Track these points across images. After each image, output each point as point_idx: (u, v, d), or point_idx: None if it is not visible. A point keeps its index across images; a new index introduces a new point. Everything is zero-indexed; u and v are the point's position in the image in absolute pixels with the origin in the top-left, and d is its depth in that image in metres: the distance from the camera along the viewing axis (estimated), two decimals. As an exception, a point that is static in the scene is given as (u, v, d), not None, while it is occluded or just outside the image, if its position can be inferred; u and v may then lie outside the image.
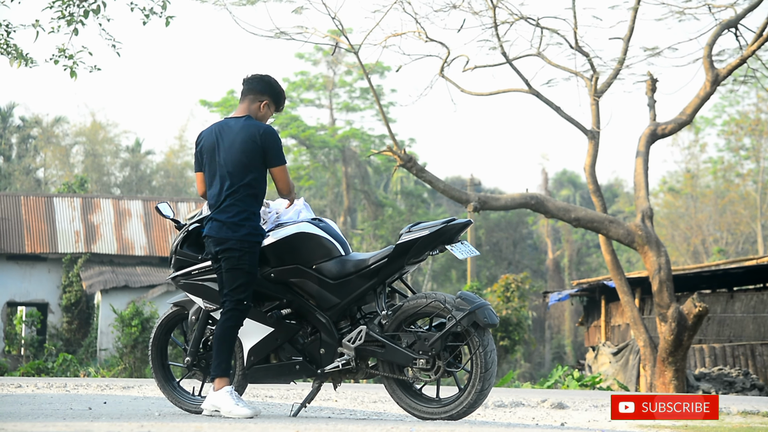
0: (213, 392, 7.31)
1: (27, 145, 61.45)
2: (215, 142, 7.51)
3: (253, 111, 7.57)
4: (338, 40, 18.65)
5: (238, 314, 7.33)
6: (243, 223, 7.32)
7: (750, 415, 9.62)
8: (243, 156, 7.36)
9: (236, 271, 7.31)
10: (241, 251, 7.29)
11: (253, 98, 7.58)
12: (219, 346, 7.33)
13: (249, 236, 7.32)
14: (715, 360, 25.47)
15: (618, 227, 18.00)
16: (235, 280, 7.31)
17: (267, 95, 7.61)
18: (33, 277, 37.50)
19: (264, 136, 7.38)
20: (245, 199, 7.35)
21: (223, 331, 7.32)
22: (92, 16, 12.45)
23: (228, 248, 7.30)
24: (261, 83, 7.63)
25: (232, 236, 7.30)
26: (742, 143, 54.90)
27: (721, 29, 17.92)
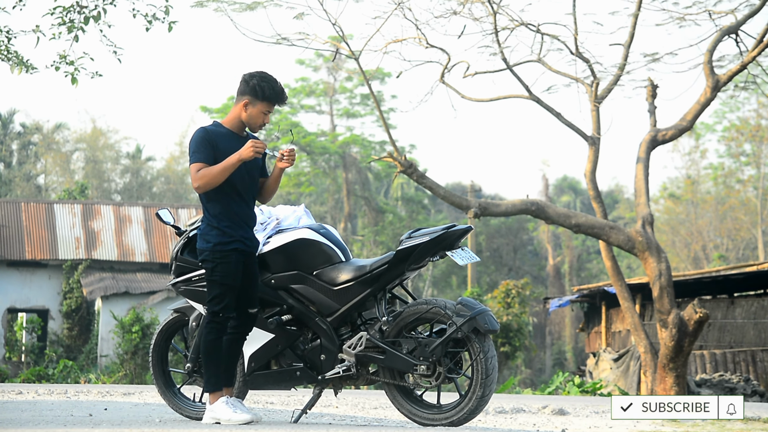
0: (209, 405, 7.26)
1: (27, 151, 61.50)
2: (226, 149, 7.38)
3: (236, 114, 7.31)
4: (339, 47, 18.66)
5: (215, 326, 7.22)
6: (212, 232, 7.19)
7: (751, 422, 9.61)
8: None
9: (210, 282, 7.24)
10: (213, 262, 7.19)
11: (236, 101, 7.34)
12: (206, 361, 7.27)
13: (219, 246, 7.17)
14: (716, 366, 25.46)
15: (618, 233, 17.99)
16: (210, 291, 7.25)
17: (246, 94, 7.31)
18: (33, 283, 37.51)
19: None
20: (211, 207, 7.23)
21: (205, 345, 7.25)
22: (93, 22, 12.46)
23: (203, 260, 7.26)
24: (241, 84, 7.35)
25: (205, 247, 7.22)
26: (743, 149, 54.93)
27: (722, 35, 17.90)
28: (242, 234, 7.24)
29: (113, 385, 19.09)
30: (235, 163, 7.08)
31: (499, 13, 17.61)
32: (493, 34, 17.80)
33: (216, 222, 7.18)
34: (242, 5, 17.43)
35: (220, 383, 7.26)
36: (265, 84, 7.29)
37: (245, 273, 7.29)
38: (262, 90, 7.27)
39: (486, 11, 17.77)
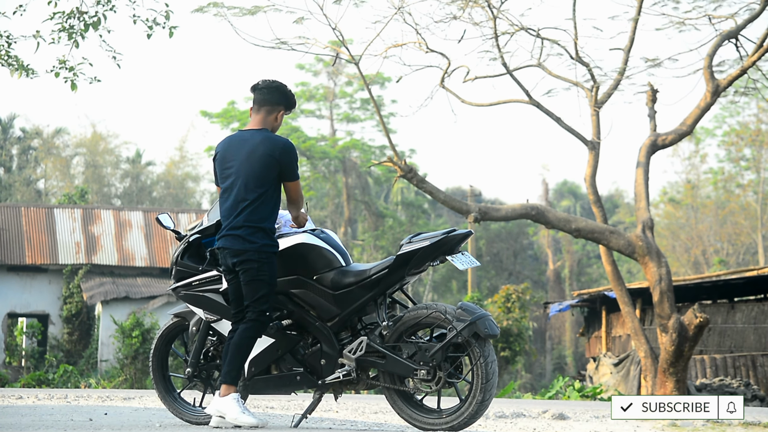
0: (219, 398, 7.25)
1: (27, 156, 61.51)
2: (231, 154, 7.45)
3: (270, 122, 7.50)
4: (339, 51, 18.67)
5: (259, 325, 7.27)
6: (258, 233, 7.27)
7: (751, 426, 9.61)
8: (261, 169, 7.31)
9: (257, 282, 7.25)
10: (259, 262, 7.23)
11: (270, 109, 7.48)
12: (234, 354, 7.25)
13: (265, 247, 7.26)
14: (716, 371, 25.45)
15: (619, 238, 17.99)
16: (257, 291, 7.25)
17: (282, 105, 7.52)
18: (33, 288, 37.50)
19: (282, 152, 7.34)
20: (262, 211, 7.30)
21: (241, 339, 7.25)
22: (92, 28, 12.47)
23: (246, 260, 7.24)
24: (277, 93, 7.51)
25: (249, 247, 7.23)
26: (743, 154, 54.93)
27: (722, 40, 17.93)
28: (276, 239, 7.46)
29: (113, 390, 19.08)
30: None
31: (499, 18, 17.63)
32: (493, 38, 17.82)
33: (265, 225, 7.30)
34: (242, 10, 17.45)
35: (237, 378, 7.29)
36: (293, 96, 7.63)
37: None
38: (294, 101, 7.61)
39: (486, 16, 17.80)
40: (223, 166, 7.46)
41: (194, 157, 65.95)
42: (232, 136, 7.55)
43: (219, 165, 7.51)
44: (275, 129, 7.54)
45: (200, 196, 65.88)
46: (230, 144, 7.49)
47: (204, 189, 66.38)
